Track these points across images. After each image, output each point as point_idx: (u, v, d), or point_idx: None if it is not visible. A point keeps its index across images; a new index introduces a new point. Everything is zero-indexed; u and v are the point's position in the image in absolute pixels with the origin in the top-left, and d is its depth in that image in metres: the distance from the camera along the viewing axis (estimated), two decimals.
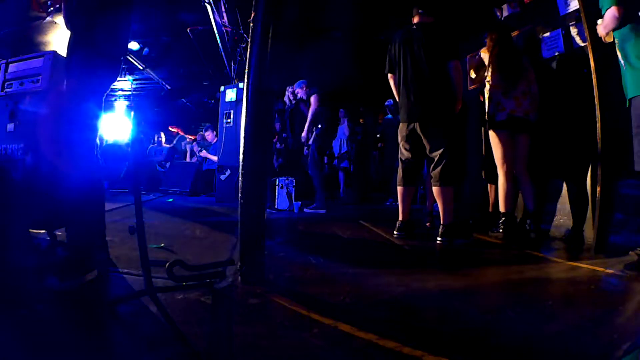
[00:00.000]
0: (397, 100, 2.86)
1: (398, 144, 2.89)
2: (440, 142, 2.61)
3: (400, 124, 2.81)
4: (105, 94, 1.75)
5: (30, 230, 1.89)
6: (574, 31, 2.84)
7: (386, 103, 5.84)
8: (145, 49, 6.93)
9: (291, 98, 5.02)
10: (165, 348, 1.10)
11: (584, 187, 2.65)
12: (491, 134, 2.77)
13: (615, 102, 2.21)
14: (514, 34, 3.52)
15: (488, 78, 2.80)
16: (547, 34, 3.06)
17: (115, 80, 1.79)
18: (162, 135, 8.13)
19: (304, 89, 4.75)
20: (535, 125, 2.77)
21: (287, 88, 5.04)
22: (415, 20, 2.78)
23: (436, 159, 2.61)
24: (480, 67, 3.11)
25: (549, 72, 2.96)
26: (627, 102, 1.95)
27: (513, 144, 2.74)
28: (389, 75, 2.89)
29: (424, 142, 2.66)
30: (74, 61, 1.57)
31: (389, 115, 5.83)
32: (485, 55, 2.86)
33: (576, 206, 2.73)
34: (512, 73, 2.74)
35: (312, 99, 4.56)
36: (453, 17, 3.77)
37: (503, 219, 2.74)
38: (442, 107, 2.62)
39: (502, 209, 2.74)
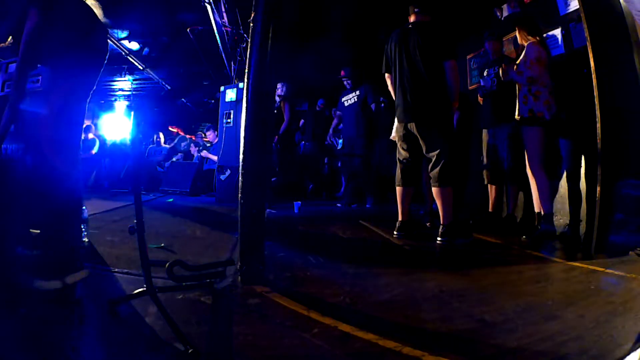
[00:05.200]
0: (394, 99, 2.86)
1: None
2: (437, 142, 2.60)
3: (397, 124, 2.80)
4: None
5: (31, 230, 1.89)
6: (574, 31, 2.84)
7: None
8: (145, 49, 6.92)
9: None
10: (165, 348, 1.10)
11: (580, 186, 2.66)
12: (534, 131, 2.70)
13: (615, 102, 2.22)
14: (514, 34, 3.53)
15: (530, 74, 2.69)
16: (547, 34, 3.06)
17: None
18: (161, 135, 8.13)
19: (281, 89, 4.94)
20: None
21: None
22: (412, 19, 2.77)
23: (434, 159, 2.60)
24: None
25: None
26: None
27: None
28: (386, 75, 2.89)
29: (421, 142, 2.66)
30: (74, 60, 1.57)
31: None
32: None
33: (574, 205, 2.73)
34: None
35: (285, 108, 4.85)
36: (453, 16, 3.78)
37: (542, 220, 2.67)
38: (437, 107, 2.62)
39: (543, 209, 2.67)
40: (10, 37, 1.61)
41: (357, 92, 4.67)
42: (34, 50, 1.44)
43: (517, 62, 2.78)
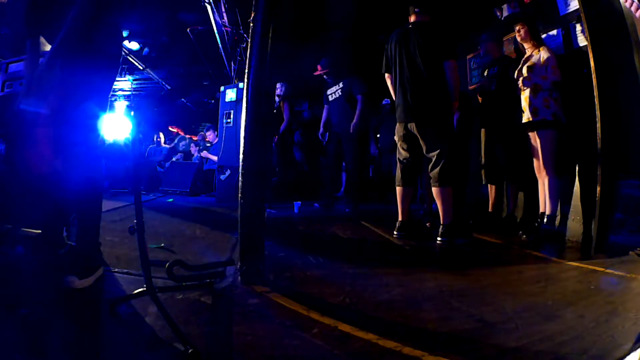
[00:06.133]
0: (394, 100, 2.86)
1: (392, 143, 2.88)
2: (437, 142, 2.60)
3: (397, 124, 2.81)
4: (109, 94, 1.78)
5: (32, 230, 1.89)
6: (574, 31, 2.84)
7: (383, 102, 5.81)
8: (145, 49, 6.93)
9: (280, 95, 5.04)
10: (165, 348, 1.10)
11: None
12: (553, 134, 2.68)
13: (616, 102, 2.22)
14: (514, 34, 3.53)
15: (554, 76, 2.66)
16: (547, 34, 3.06)
17: (114, 79, 1.81)
18: (161, 135, 8.13)
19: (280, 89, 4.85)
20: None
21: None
22: (412, 19, 2.77)
23: (434, 159, 2.61)
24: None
25: None
26: None
27: None
28: (386, 75, 2.89)
29: (421, 142, 2.66)
30: (75, 61, 1.58)
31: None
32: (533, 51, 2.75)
33: (573, 205, 2.73)
34: None
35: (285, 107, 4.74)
36: (453, 16, 3.78)
37: (545, 220, 2.67)
38: (438, 108, 2.62)
39: (549, 210, 2.67)
40: None
41: (341, 85, 4.26)
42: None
43: (529, 64, 2.74)
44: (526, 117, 2.75)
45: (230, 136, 5.06)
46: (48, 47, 1.63)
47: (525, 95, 2.75)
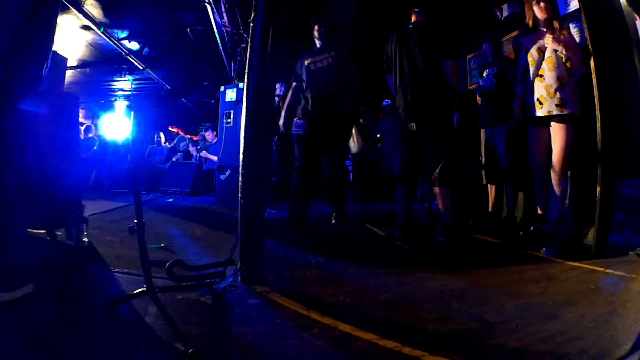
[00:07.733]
0: (395, 99, 2.86)
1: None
2: (437, 142, 2.60)
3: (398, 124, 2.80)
4: None
5: (30, 230, 1.89)
6: (573, 31, 2.84)
7: (383, 103, 5.81)
8: (145, 49, 6.93)
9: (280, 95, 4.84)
10: (165, 348, 1.10)
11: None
12: (574, 131, 2.37)
13: (616, 102, 2.22)
14: (514, 34, 3.53)
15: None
16: None
17: None
18: (162, 135, 8.14)
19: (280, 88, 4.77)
20: None
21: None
22: (413, 19, 2.77)
23: (434, 159, 2.61)
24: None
25: None
26: None
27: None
28: (386, 75, 2.89)
29: (421, 142, 2.66)
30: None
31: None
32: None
33: (574, 205, 2.72)
34: None
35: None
36: (453, 16, 3.78)
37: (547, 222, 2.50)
38: (438, 107, 2.61)
39: (554, 213, 2.46)
40: None
41: (333, 53, 3.22)
42: None
43: (560, 46, 2.36)
44: (546, 109, 2.39)
45: (230, 136, 5.06)
46: None
47: (545, 83, 2.40)
